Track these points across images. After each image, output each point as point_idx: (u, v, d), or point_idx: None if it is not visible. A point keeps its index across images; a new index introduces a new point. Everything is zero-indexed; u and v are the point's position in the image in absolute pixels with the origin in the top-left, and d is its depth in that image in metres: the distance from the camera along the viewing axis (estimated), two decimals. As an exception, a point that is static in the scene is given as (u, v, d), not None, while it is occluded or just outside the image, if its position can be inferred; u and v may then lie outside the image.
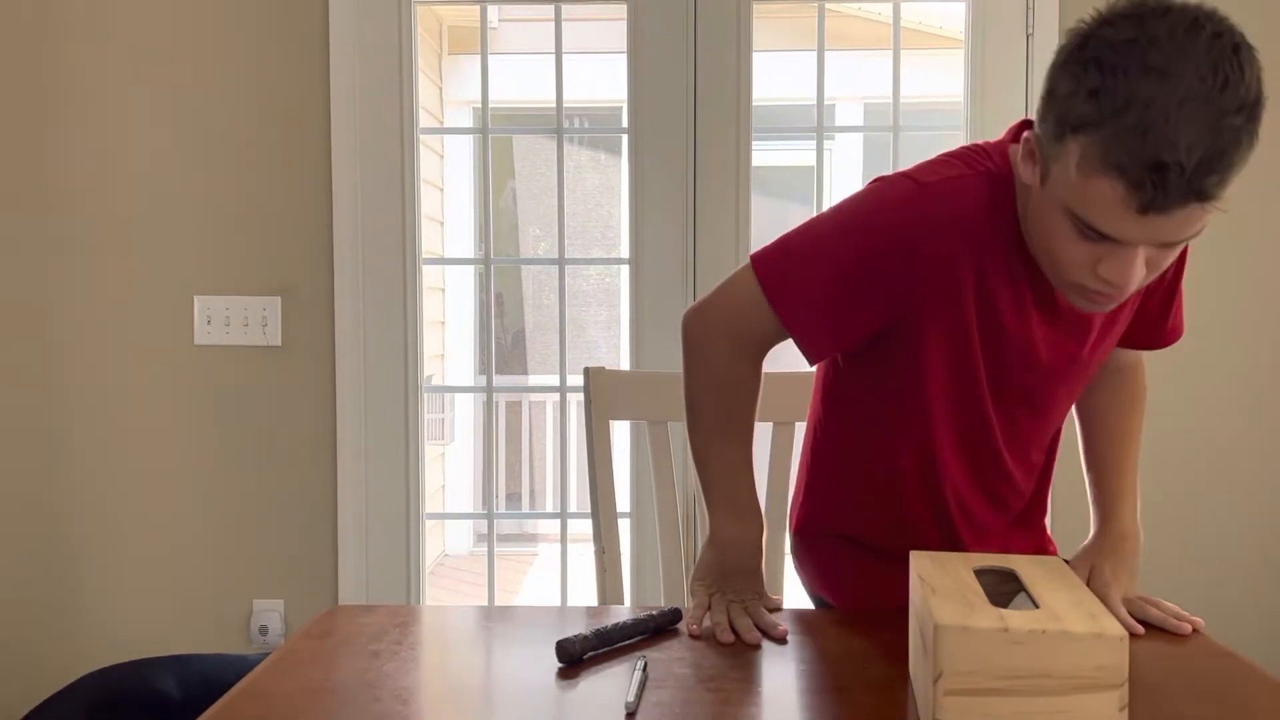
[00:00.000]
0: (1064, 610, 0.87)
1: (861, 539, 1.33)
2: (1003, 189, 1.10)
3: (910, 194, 1.09)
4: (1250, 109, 0.92)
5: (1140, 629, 1.13)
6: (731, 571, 1.23)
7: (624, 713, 0.96)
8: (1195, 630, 1.14)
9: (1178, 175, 0.89)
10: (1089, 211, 0.96)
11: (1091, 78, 0.92)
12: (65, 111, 2.42)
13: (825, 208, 1.21)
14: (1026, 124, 1.09)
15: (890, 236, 1.09)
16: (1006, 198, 1.09)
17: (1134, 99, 0.89)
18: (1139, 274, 0.99)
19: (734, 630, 1.15)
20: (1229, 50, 0.91)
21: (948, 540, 1.28)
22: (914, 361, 1.16)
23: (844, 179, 5.29)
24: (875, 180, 1.16)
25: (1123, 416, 1.32)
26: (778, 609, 1.23)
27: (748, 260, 1.16)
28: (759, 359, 1.22)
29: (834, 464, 1.33)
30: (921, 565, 1.00)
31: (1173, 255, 1.01)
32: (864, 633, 1.22)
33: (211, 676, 1.96)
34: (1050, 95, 0.98)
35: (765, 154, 2.50)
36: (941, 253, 1.07)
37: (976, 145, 1.15)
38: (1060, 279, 1.06)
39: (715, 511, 1.25)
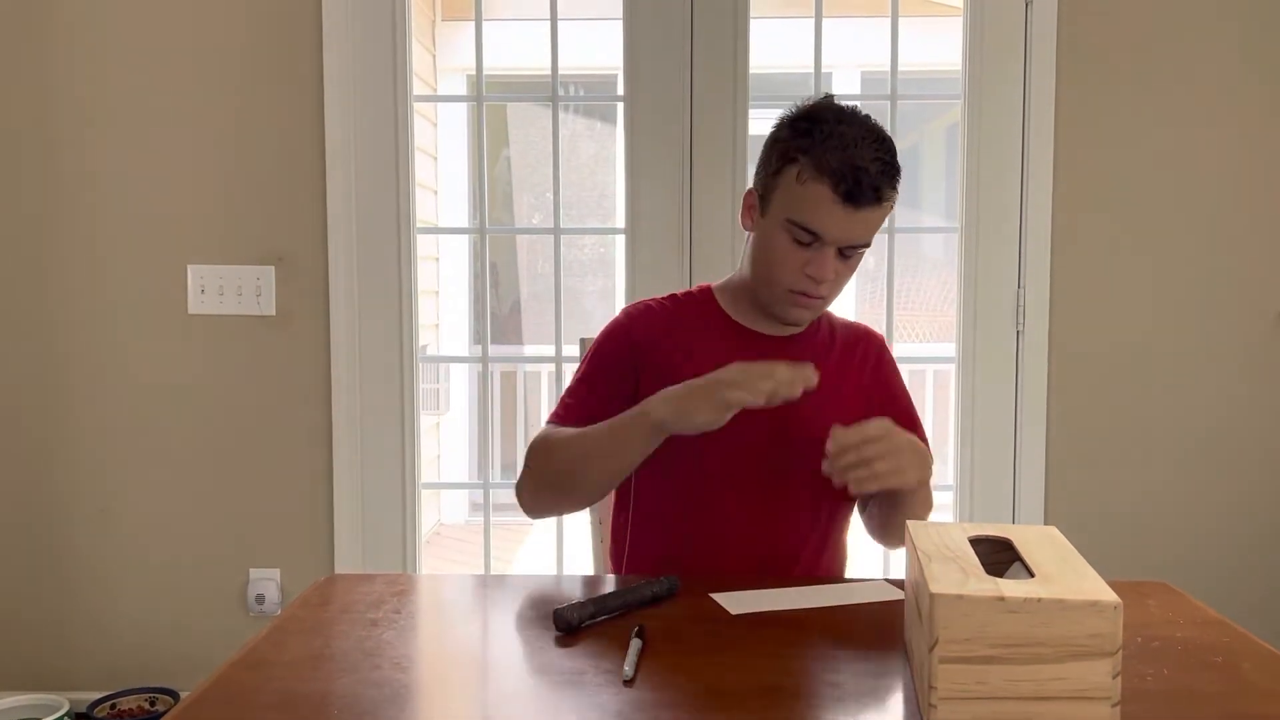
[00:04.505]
0: (1059, 579, 0.87)
1: None
2: (700, 297, 1.48)
3: (621, 316, 1.48)
4: (896, 165, 1.32)
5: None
6: (707, 382, 1.24)
7: (621, 682, 0.97)
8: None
9: (866, 176, 1.28)
10: (805, 212, 1.30)
11: (803, 124, 1.33)
12: (58, 83, 2.39)
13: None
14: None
15: (615, 339, 1.46)
16: (703, 302, 1.47)
17: (833, 132, 1.30)
18: (833, 272, 1.33)
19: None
20: (883, 131, 1.33)
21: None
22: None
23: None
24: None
25: None
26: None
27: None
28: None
29: None
30: (918, 534, 1.01)
31: (854, 263, 1.35)
32: (859, 602, 1.23)
33: None
34: (771, 147, 1.36)
35: (762, 123, 2.48)
36: (645, 341, 1.43)
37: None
38: (774, 293, 1.37)
39: (631, 421, 1.29)
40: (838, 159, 1.27)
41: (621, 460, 1.31)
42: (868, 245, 1.34)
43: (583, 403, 1.42)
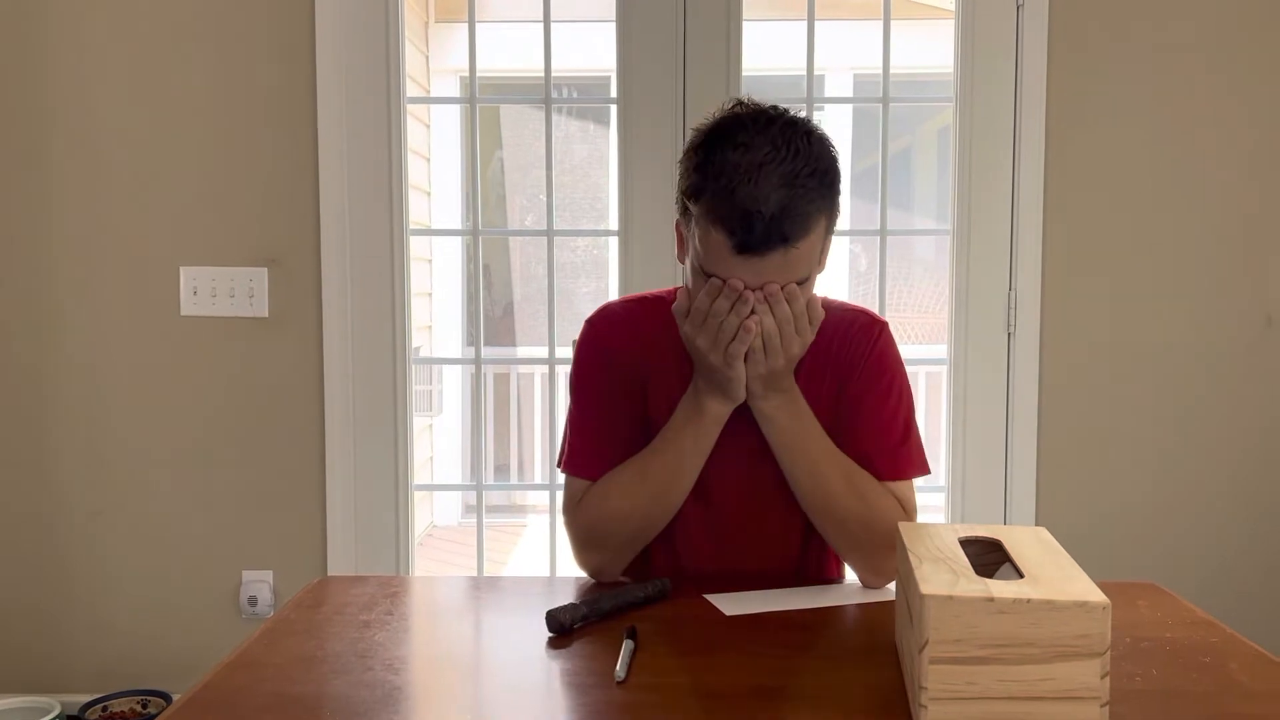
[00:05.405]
0: (1048, 579, 0.88)
1: None
2: (670, 300, 1.31)
3: (584, 329, 1.38)
4: (821, 174, 1.14)
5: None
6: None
7: (613, 683, 0.97)
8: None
9: (761, 222, 1.10)
10: (710, 262, 1.15)
11: (698, 156, 1.16)
12: (48, 83, 2.38)
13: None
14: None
15: (588, 355, 1.36)
16: (671, 304, 1.25)
17: (727, 164, 1.12)
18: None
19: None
20: (800, 133, 1.14)
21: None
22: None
23: (832, 150, 5.25)
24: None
25: None
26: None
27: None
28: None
29: None
30: (908, 535, 1.01)
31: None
32: (851, 603, 1.24)
33: None
34: (680, 182, 1.20)
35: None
36: (615, 347, 1.34)
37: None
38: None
39: (693, 428, 1.24)
40: (729, 203, 1.11)
41: (698, 467, 1.25)
42: (805, 280, 1.16)
43: (606, 439, 1.31)
